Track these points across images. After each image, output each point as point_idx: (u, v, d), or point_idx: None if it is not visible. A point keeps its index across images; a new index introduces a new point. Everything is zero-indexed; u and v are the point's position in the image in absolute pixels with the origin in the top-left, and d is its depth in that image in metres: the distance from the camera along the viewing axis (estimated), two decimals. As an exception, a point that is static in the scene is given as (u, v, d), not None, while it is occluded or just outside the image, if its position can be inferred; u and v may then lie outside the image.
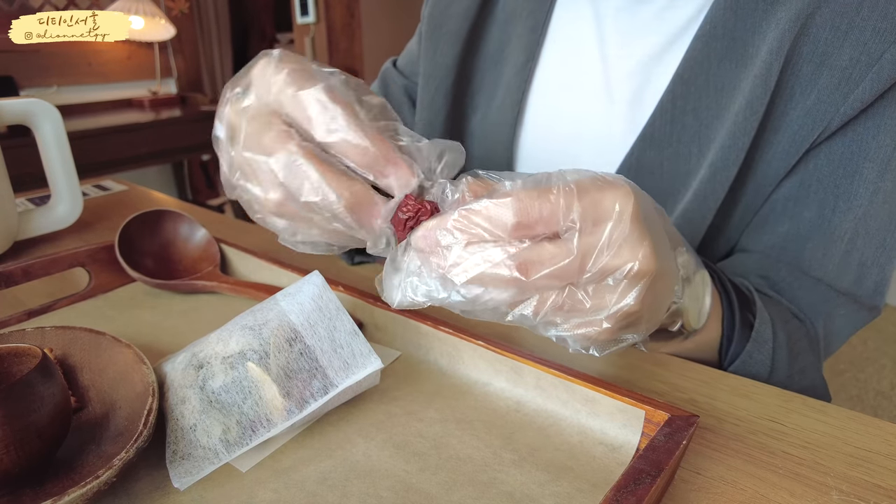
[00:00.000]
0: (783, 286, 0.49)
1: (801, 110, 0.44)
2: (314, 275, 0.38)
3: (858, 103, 0.42)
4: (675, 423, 0.31)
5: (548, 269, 0.27)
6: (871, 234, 0.46)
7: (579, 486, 0.31)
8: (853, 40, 0.41)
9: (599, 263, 0.27)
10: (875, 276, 0.48)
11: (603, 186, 0.27)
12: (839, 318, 0.49)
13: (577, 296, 0.28)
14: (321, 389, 0.34)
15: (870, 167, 0.44)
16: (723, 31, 0.45)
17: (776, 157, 0.46)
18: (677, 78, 0.47)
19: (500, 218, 0.27)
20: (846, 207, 0.46)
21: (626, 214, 0.27)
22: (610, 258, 0.27)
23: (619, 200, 0.27)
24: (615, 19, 0.52)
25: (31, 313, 0.48)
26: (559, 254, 0.27)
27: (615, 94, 0.52)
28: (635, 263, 0.27)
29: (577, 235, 0.27)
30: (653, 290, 0.29)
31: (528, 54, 0.55)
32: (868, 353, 2.02)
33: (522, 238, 0.27)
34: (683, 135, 0.48)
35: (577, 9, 0.54)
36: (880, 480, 0.33)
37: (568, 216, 0.27)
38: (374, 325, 0.46)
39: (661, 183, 0.50)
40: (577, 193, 0.27)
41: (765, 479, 0.33)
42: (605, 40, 0.52)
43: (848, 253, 0.47)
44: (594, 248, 0.27)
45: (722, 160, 0.46)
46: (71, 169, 0.67)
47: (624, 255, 0.27)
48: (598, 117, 0.54)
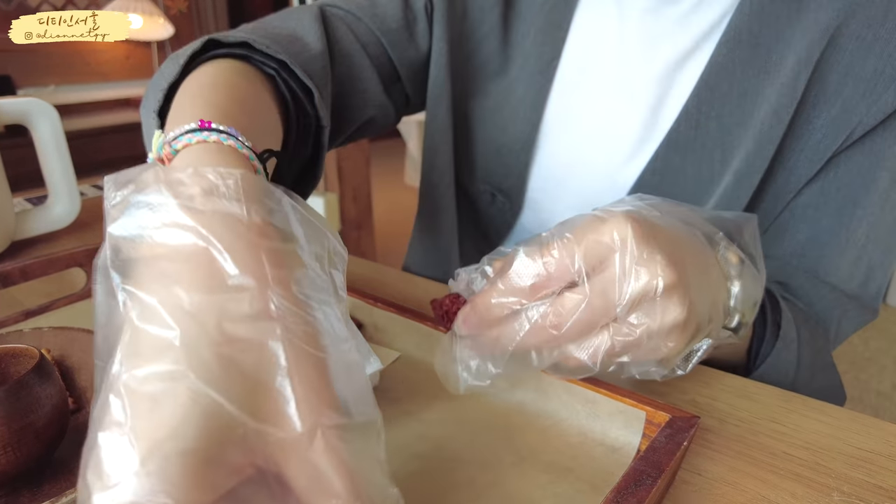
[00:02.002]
0: (800, 293, 0.50)
1: (826, 119, 0.45)
2: None
3: (881, 114, 0.43)
4: (676, 423, 0.31)
5: (574, 315, 0.29)
6: (880, 239, 0.47)
7: (580, 487, 0.31)
8: (878, 52, 0.42)
9: (626, 293, 0.28)
10: (879, 279, 0.49)
11: (598, 225, 0.29)
12: (846, 319, 0.50)
13: (622, 329, 0.29)
14: None
15: (884, 176, 0.45)
16: (747, 38, 0.45)
17: (799, 165, 0.47)
18: (702, 83, 0.47)
19: (517, 287, 0.30)
20: (861, 215, 0.46)
21: (627, 240, 0.28)
22: (632, 285, 0.28)
23: (617, 230, 0.29)
24: (640, 21, 0.51)
25: (28, 314, 0.48)
26: (578, 299, 0.29)
27: (638, 98, 0.52)
28: (657, 280, 0.28)
29: (585, 278, 0.29)
30: (696, 290, 0.30)
31: (553, 52, 0.54)
32: (869, 354, 2.02)
33: (544, 298, 0.30)
34: (707, 140, 0.48)
35: (601, 9, 0.53)
36: (881, 481, 0.33)
37: (574, 264, 0.29)
38: (374, 325, 0.45)
39: (684, 187, 0.51)
40: (576, 240, 0.29)
41: (766, 480, 0.33)
42: (627, 43, 0.52)
43: (859, 258, 0.48)
44: (611, 282, 0.28)
45: (747, 167, 0.46)
46: (68, 168, 0.67)
47: (643, 276, 0.28)
48: (619, 120, 0.53)
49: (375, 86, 0.56)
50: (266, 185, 0.25)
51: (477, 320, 0.32)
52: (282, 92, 0.43)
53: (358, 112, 0.56)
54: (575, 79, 0.55)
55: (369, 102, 0.56)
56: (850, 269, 0.48)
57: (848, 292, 0.49)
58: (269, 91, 0.42)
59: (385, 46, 0.56)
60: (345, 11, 0.55)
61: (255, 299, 0.21)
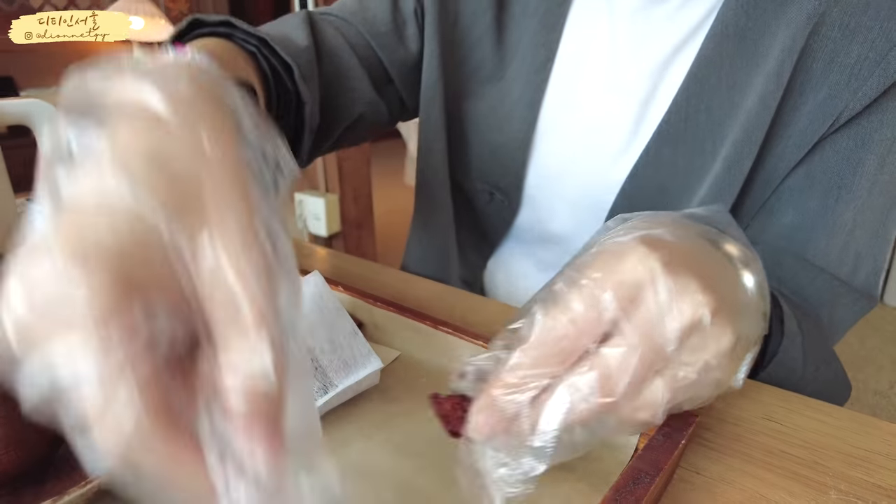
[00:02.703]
0: (788, 276, 0.50)
1: (812, 106, 0.45)
2: (314, 275, 0.38)
3: (866, 99, 0.43)
4: (674, 422, 0.31)
5: (628, 375, 0.23)
6: (867, 224, 0.48)
7: (578, 486, 0.31)
8: (861, 38, 0.43)
9: (673, 330, 0.24)
10: (868, 265, 0.50)
11: (617, 263, 0.25)
12: (841, 307, 0.50)
13: (678, 374, 0.25)
14: (321, 389, 0.34)
15: (871, 160, 0.46)
16: (734, 31, 0.46)
17: (786, 151, 0.47)
18: (690, 77, 0.49)
19: (544, 355, 0.24)
20: (848, 198, 0.47)
21: (657, 271, 0.24)
22: (675, 319, 0.24)
23: (642, 263, 0.24)
24: (630, 20, 0.52)
25: (30, 313, 0.48)
26: (624, 352, 0.24)
27: (629, 94, 0.53)
28: (702, 309, 0.24)
29: (625, 323, 0.24)
30: (730, 305, 0.26)
31: (548, 52, 0.56)
32: (866, 353, 2.02)
33: (576, 363, 0.24)
34: (697, 132, 0.49)
35: (593, 9, 0.54)
36: (879, 480, 0.33)
37: (604, 313, 0.24)
38: (374, 325, 0.46)
39: (676, 178, 0.51)
40: (598, 284, 0.24)
41: (763, 479, 0.33)
42: (618, 41, 0.53)
43: (847, 243, 0.48)
44: (652, 323, 0.24)
45: (736, 155, 0.47)
46: (70, 169, 0.67)
47: (686, 309, 0.24)
48: (612, 115, 0.54)
49: (365, 84, 0.58)
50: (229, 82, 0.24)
51: (498, 415, 0.25)
52: (263, 69, 0.46)
53: (346, 111, 0.58)
54: (569, 77, 0.56)
55: (358, 100, 0.58)
56: (840, 254, 0.49)
57: (840, 278, 0.49)
58: (250, 66, 0.44)
59: (374, 48, 0.58)
60: (334, 16, 0.58)
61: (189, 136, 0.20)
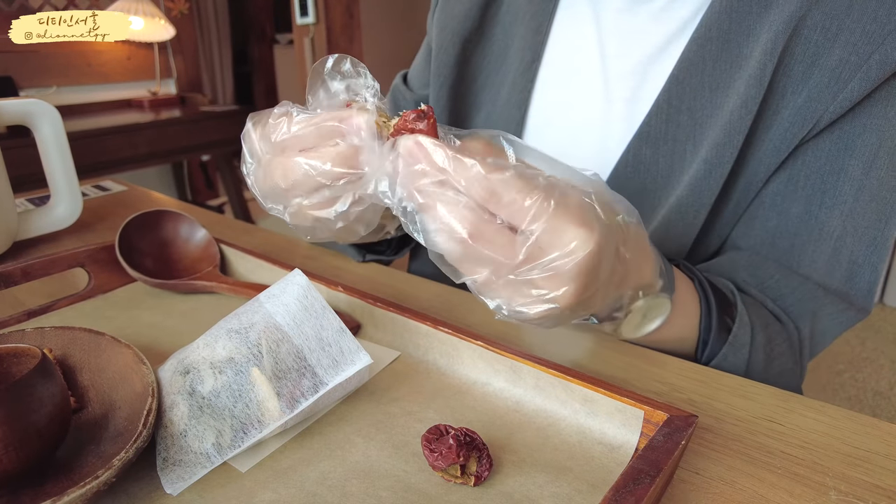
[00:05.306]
0: (770, 283, 0.50)
1: (793, 108, 0.45)
2: (296, 274, 0.38)
3: (847, 102, 0.43)
4: (674, 422, 0.31)
5: (492, 253, 0.29)
6: (860, 232, 0.47)
7: (578, 486, 0.31)
8: (843, 41, 0.42)
9: (531, 274, 0.30)
10: (868, 275, 0.49)
11: (576, 221, 0.29)
12: (826, 317, 0.50)
13: (514, 283, 0.30)
14: (311, 388, 0.34)
15: (855, 165, 0.45)
16: (717, 34, 0.47)
17: (767, 154, 0.47)
18: (673, 78, 0.49)
19: (479, 184, 0.29)
20: (832, 204, 0.47)
21: (577, 254, 0.29)
22: (539, 277, 0.30)
23: (579, 241, 0.29)
24: (615, 21, 0.53)
25: (30, 313, 0.48)
26: (508, 248, 0.29)
27: (613, 93, 0.54)
28: (557, 293, 0.30)
29: (528, 244, 0.29)
30: (589, 291, 0.31)
31: (533, 54, 0.57)
32: (866, 354, 2.02)
33: (485, 211, 0.30)
34: (679, 133, 0.49)
35: (578, 10, 0.56)
36: (878, 480, 0.33)
37: (531, 225, 0.29)
38: (373, 325, 0.46)
39: (656, 179, 0.51)
40: (553, 212, 0.29)
41: (763, 479, 0.33)
42: (604, 41, 0.54)
43: (837, 251, 0.48)
44: (535, 259, 0.29)
45: (717, 157, 0.47)
46: (70, 169, 0.67)
47: (551, 282, 0.30)
48: (597, 115, 0.55)
49: None
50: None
51: (421, 159, 0.30)
52: None
53: None
54: (555, 78, 0.57)
55: None
56: (829, 262, 0.48)
57: (828, 287, 0.49)
58: None
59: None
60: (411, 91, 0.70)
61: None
